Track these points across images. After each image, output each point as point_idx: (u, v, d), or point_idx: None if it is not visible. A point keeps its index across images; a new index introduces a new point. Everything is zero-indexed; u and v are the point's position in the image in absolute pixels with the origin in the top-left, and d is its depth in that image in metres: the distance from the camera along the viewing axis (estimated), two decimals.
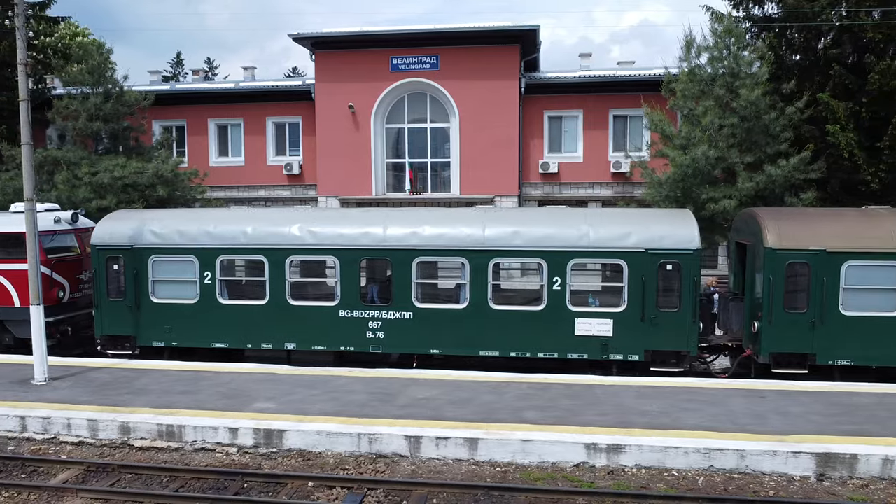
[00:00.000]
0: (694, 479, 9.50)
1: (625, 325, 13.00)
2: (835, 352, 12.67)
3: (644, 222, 13.18)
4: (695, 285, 12.82)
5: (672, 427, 10.42)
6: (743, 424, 10.49)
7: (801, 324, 12.66)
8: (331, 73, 25.08)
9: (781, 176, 17.57)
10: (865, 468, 9.44)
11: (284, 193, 26.46)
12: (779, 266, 12.64)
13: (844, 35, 18.30)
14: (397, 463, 10.16)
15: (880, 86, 17.29)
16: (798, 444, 9.65)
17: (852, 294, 12.57)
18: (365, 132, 25.11)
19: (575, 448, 9.91)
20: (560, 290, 13.06)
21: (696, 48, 19.06)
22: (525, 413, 11.04)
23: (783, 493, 9.17)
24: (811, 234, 12.66)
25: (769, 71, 18.08)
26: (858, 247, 12.49)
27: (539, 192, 25.47)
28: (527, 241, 13.17)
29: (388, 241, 13.52)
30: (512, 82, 24.53)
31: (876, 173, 17.82)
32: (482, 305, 13.28)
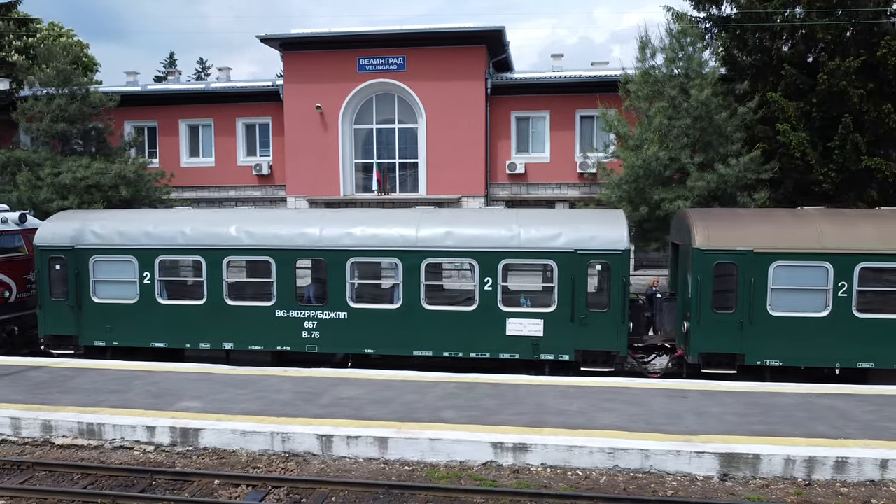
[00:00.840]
0: (596, 479, 9.55)
1: (555, 325, 13.06)
2: (763, 352, 12.69)
3: (574, 223, 13.23)
4: (623, 285, 12.86)
5: (586, 427, 10.47)
6: (657, 424, 10.53)
7: (730, 324, 12.69)
8: (299, 73, 25.21)
9: (733, 176, 17.61)
10: (768, 468, 9.47)
11: (255, 194, 26.60)
12: (706, 266, 12.68)
13: (797, 35, 18.29)
14: (308, 462, 10.25)
15: (829, 86, 17.30)
16: (702, 445, 9.69)
17: (780, 294, 12.60)
18: (333, 133, 25.22)
19: (482, 447, 9.97)
20: (491, 290, 13.13)
21: (650, 49, 19.11)
22: (443, 412, 11.10)
23: (682, 492, 9.22)
24: (739, 235, 12.69)
25: (718, 71, 18.13)
26: (786, 247, 12.52)
27: (507, 193, 25.53)
28: (458, 242, 13.24)
29: (323, 242, 13.61)
30: (478, 83, 24.61)
31: (828, 173, 17.82)
32: (415, 306, 13.36)
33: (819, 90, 17.49)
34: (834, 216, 13.06)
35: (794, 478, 9.44)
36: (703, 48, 19.27)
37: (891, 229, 12.52)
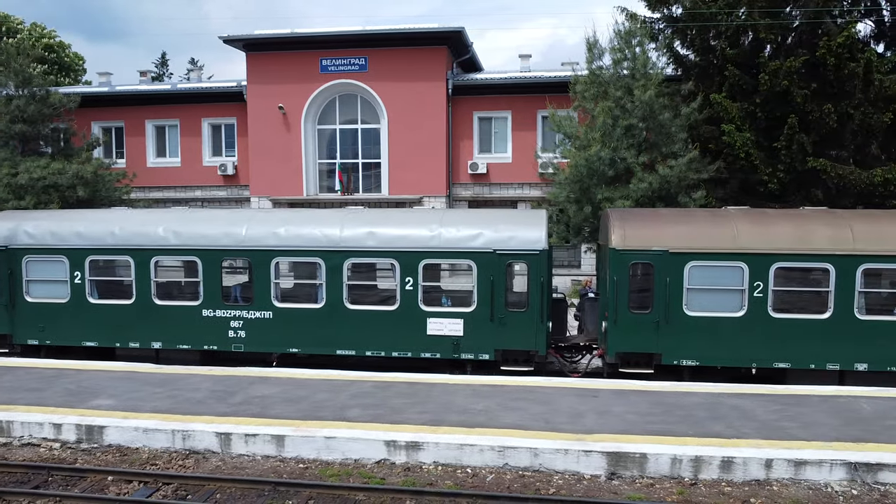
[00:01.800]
0: (484, 477, 9.61)
1: (475, 324, 13.13)
2: (680, 352, 12.72)
3: (495, 224, 13.29)
4: (541, 285, 12.92)
5: (485, 425, 10.53)
6: (555, 423, 10.59)
7: (646, 324, 12.73)
8: (262, 74, 25.35)
9: (675, 176, 17.63)
10: (655, 467, 9.51)
11: (220, 194, 26.77)
12: (623, 266, 12.72)
13: (743, 36, 18.29)
14: (207, 459, 10.35)
15: (771, 86, 17.30)
16: (591, 444, 9.75)
17: (696, 294, 12.63)
18: (296, 133, 25.35)
19: (376, 445, 10.05)
20: (412, 290, 13.21)
21: (598, 49, 19.14)
22: (348, 411, 11.19)
23: (566, 491, 9.27)
24: (655, 235, 12.73)
25: (664, 71, 18.15)
26: (701, 247, 12.54)
27: (469, 193, 25.61)
28: (380, 242, 13.32)
29: (248, 242, 13.72)
30: (439, 83, 24.69)
31: (773, 173, 17.82)
32: (338, 305, 13.46)
33: (762, 90, 17.48)
34: (753, 216, 13.07)
35: (681, 477, 9.48)
36: (656, 48, 19.31)
37: (807, 229, 12.53)
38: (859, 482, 9.20)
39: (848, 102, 17.26)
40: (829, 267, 12.28)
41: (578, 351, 14.30)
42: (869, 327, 12.32)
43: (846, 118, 17.38)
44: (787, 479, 9.33)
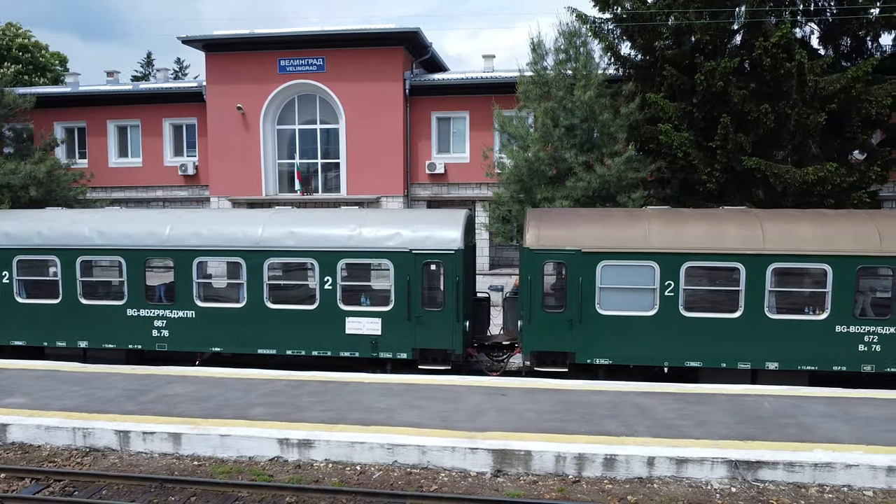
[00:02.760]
0: (371, 474, 9.71)
1: (393, 323, 13.23)
2: (593, 351, 12.81)
3: (413, 224, 13.39)
4: (457, 285, 13.01)
5: (384, 423, 10.62)
6: (452, 421, 10.68)
7: (560, 323, 12.81)
8: (221, 74, 25.45)
9: (614, 176, 17.70)
10: (540, 465, 9.60)
11: (181, 194, 26.87)
12: (537, 266, 12.81)
13: (683, 37, 18.35)
14: (106, 456, 10.45)
15: (708, 86, 17.35)
16: (478, 441, 9.84)
17: (609, 293, 12.71)
18: (255, 133, 25.45)
19: (269, 443, 10.15)
20: (331, 289, 13.31)
21: (542, 50, 19.22)
22: (253, 409, 11.28)
23: (449, 488, 9.35)
24: (568, 235, 12.81)
25: (605, 71, 18.21)
26: (613, 246, 12.63)
27: (428, 193, 25.68)
28: (300, 242, 13.42)
29: (171, 242, 13.82)
30: (396, 84, 24.77)
31: (711, 173, 17.87)
32: (259, 304, 13.56)
33: (698, 91, 17.54)
34: (667, 216, 13.15)
35: (566, 475, 9.57)
36: (601, 48, 19.37)
37: (719, 229, 12.61)
38: (740, 480, 9.28)
39: (785, 102, 17.31)
40: (740, 266, 12.36)
41: (502, 350, 14.38)
42: (779, 326, 12.40)
43: (784, 118, 17.44)
44: (669, 477, 9.41)
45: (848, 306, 12.24)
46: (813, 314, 12.44)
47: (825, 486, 9.20)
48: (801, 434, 10.12)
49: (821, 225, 12.54)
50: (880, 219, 12.57)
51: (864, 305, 12.50)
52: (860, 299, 12.47)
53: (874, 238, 12.19)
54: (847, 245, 12.20)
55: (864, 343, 12.28)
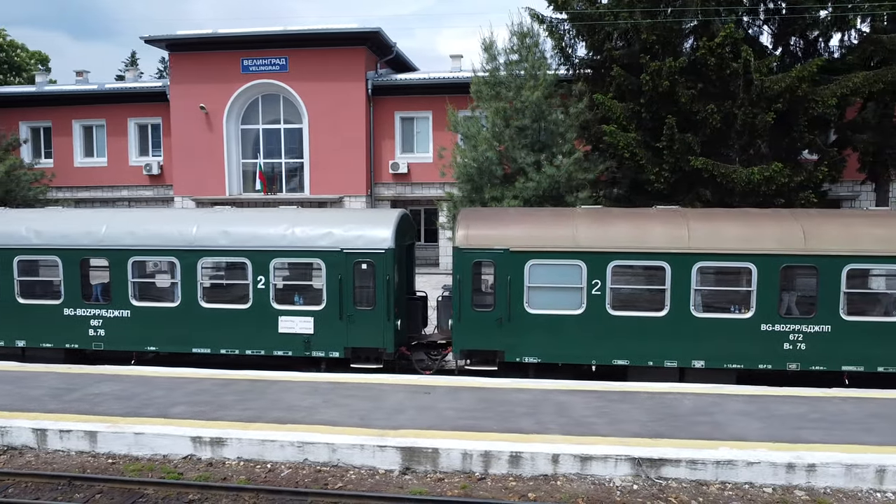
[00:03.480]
0: (280, 472, 9.76)
1: (325, 322, 13.28)
2: (522, 349, 12.87)
3: (345, 223, 13.43)
4: (387, 283, 13.06)
5: (302, 421, 10.67)
6: (370, 419, 10.73)
7: (489, 322, 12.87)
8: (185, 74, 25.49)
9: (563, 176, 17.78)
10: (447, 462, 9.66)
11: (146, 194, 26.91)
12: (466, 265, 12.87)
13: (631, 37, 18.42)
14: (23, 454, 10.48)
15: (654, 86, 17.43)
16: (386, 439, 9.90)
17: (537, 292, 12.77)
18: (218, 133, 25.50)
19: (183, 441, 10.20)
20: (264, 288, 13.36)
21: (494, 50, 19.29)
22: (174, 408, 11.32)
23: (354, 485, 9.41)
24: (497, 234, 12.88)
25: (556, 72, 18.28)
26: (540, 246, 12.69)
27: (391, 193, 25.74)
28: (233, 241, 13.46)
29: (107, 241, 13.85)
30: (358, 84, 24.84)
31: (660, 173, 17.94)
32: (193, 304, 13.60)
33: (645, 91, 17.62)
34: (596, 215, 13.21)
35: (472, 472, 9.63)
36: (553, 49, 19.45)
37: (645, 228, 12.68)
38: (643, 477, 9.35)
39: (731, 102, 17.40)
40: (665, 265, 12.44)
41: (439, 349, 14.43)
42: (705, 325, 12.48)
43: (731, 118, 17.52)
44: (574, 475, 9.48)
45: (773, 305, 12.32)
46: (738, 313, 12.52)
47: (727, 483, 9.27)
48: (711, 432, 10.20)
49: (746, 224, 12.62)
50: (805, 218, 12.65)
51: (789, 304, 12.58)
52: (786, 298, 12.55)
53: (798, 237, 12.28)
54: (771, 244, 12.28)
55: (789, 341, 12.36)
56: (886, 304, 12.45)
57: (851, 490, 9.11)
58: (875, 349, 12.23)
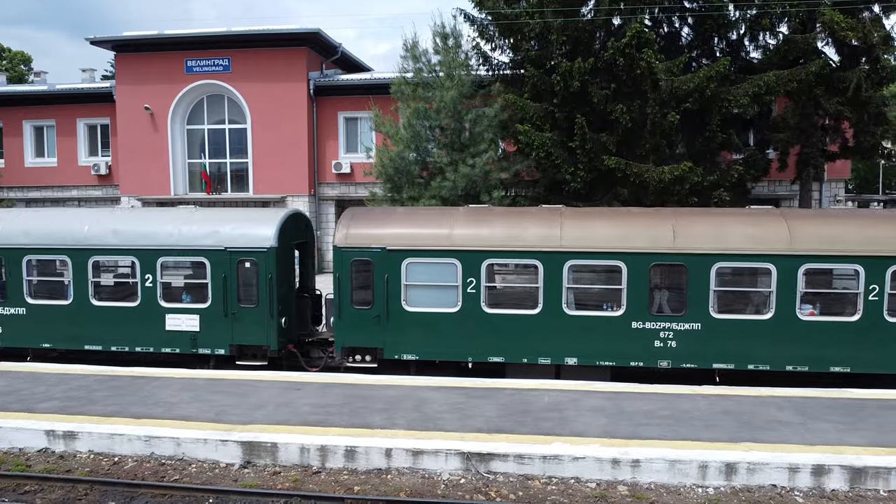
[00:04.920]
0: (125, 465, 9.99)
1: (210, 320, 13.50)
2: (400, 346, 13.05)
3: (231, 222, 13.66)
4: (270, 282, 13.28)
5: (162, 416, 10.89)
6: (226, 414, 10.91)
7: (368, 319, 13.06)
8: (131, 75, 25.79)
9: (479, 175, 17.95)
10: (286, 456, 9.86)
11: (96, 193, 27.24)
12: (345, 263, 13.06)
13: (545, 38, 18.55)
14: None
15: (565, 86, 17.57)
16: (231, 434, 10.10)
17: (414, 290, 12.96)
18: (163, 133, 25.78)
19: (38, 435, 10.44)
20: (152, 286, 13.60)
21: (415, 51, 19.48)
22: (43, 403, 11.53)
23: (189, 479, 9.60)
24: (375, 233, 13.06)
25: (473, 72, 18.45)
26: (417, 244, 12.87)
27: (336, 192, 25.97)
28: (122, 240, 13.70)
29: (2, 240, 14.11)
30: (300, 84, 25.06)
31: (576, 173, 18.08)
32: (85, 301, 13.85)
33: (556, 91, 17.75)
34: (473, 215, 13.37)
35: (310, 465, 9.83)
36: (473, 49, 19.60)
37: (520, 227, 12.84)
38: (473, 471, 9.52)
39: (641, 102, 17.52)
40: (538, 263, 12.59)
41: (328, 346, 14.63)
42: (577, 322, 12.63)
43: (642, 118, 17.64)
44: (406, 468, 9.66)
45: (643, 303, 12.45)
46: (610, 311, 12.66)
47: (553, 477, 9.43)
48: (552, 427, 10.34)
49: (619, 224, 12.77)
50: (678, 217, 12.78)
51: (661, 302, 12.71)
52: (657, 296, 12.69)
53: (668, 236, 12.41)
54: (642, 243, 12.42)
55: (659, 339, 12.50)
56: (757, 302, 12.56)
57: (675, 485, 9.25)
58: (745, 347, 12.35)
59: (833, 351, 12.24)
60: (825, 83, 18.60)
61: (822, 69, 17.99)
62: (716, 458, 9.25)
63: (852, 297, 12.25)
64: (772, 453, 9.33)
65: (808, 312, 12.35)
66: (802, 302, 12.29)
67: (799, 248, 12.13)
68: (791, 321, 12.21)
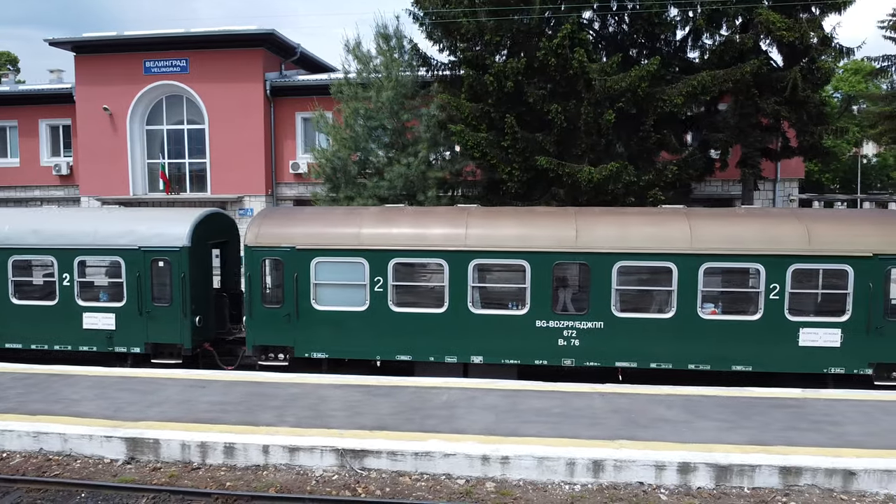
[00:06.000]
0: (12, 460, 10.16)
1: (126, 318, 13.68)
2: (310, 345, 13.19)
3: (147, 221, 13.84)
4: (183, 281, 13.43)
5: (63, 413, 11.05)
6: (123, 412, 11.08)
7: (279, 318, 13.20)
8: (90, 76, 25.98)
9: (414, 174, 18.06)
10: (168, 453, 10.01)
11: (58, 194, 27.45)
12: (255, 262, 13.20)
13: (480, 38, 18.62)
14: None
15: (499, 87, 17.64)
16: (116, 430, 10.25)
17: (323, 289, 13.09)
18: (122, 134, 25.96)
19: None
20: (69, 285, 13.77)
21: (357, 52, 19.61)
22: None
23: (71, 474, 9.76)
24: (285, 232, 13.20)
25: (416, 72, 18.58)
26: (325, 244, 13.01)
27: (294, 192, 26.10)
28: (41, 240, 13.88)
29: None
30: (257, 85, 25.20)
31: (511, 172, 18.14)
32: (5, 300, 14.03)
33: (491, 91, 17.82)
34: (382, 214, 13.49)
35: (190, 462, 9.97)
36: (411, 50, 19.67)
37: (426, 227, 12.96)
38: (347, 468, 9.64)
39: (575, 102, 17.59)
40: (444, 262, 12.70)
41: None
42: (483, 321, 12.74)
43: (576, 117, 17.69)
44: (283, 465, 9.79)
45: (547, 302, 12.55)
46: (515, 309, 12.76)
47: (425, 474, 9.54)
48: (436, 425, 10.44)
49: (524, 223, 12.87)
50: (582, 217, 12.87)
51: (565, 301, 12.81)
52: (561, 295, 12.78)
53: (571, 235, 12.51)
54: (545, 242, 12.52)
55: (563, 338, 12.59)
56: (659, 300, 12.63)
57: (543, 482, 9.35)
58: (647, 345, 12.44)
59: (735, 350, 12.32)
60: (765, 83, 18.63)
61: (759, 69, 18.01)
62: (583, 455, 9.34)
63: (753, 296, 12.32)
64: (640, 451, 9.42)
65: (709, 311, 12.43)
66: (704, 301, 12.36)
67: (699, 247, 12.21)
68: (692, 320, 12.29)
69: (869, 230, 12.20)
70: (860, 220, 12.55)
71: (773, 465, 9.09)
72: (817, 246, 12.06)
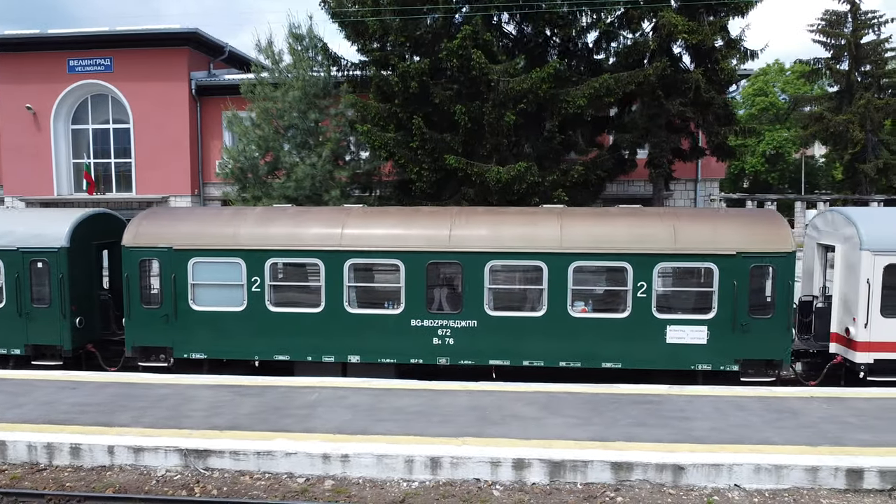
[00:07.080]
0: None
1: (5, 320, 13.56)
2: (189, 346, 13.18)
3: (28, 223, 13.78)
4: (61, 282, 13.35)
5: None
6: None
7: (157, 318, 13.17)
8: (12, 74, 25.65)
9: (320, 174, 18.10)
10: (14, 454, 9.98)
11: None
12: (133, 263, 13.16)
13: (388, 38, 18.72)
14: None
15: (405, 87, 17.74)
16: None
17: (201, 289, 13.09)
18: (46, 133, 25.68)
19: None
20: None
21: (267, 52, 19.60)
22: None
23: None
24: (162, 232, 13.17)
25: (329, 72, 18.62)
26: (202, 244, 13.00)
27: (220, 192, 25.96)
28: None
29: None
30: (182, 84, 25.07)
31: (420, 172, 18.24)
32: None
33: (396, 91, 17.91)
34: (263, 214, 13.52)
35: (38, 463, 9.96)
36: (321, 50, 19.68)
37: (303, 227, 13.01)
38: (192, 467, 9.67)
39: (479, 103, 17.73)
40: (319, 262, 12.77)
41: None
42: (359, 320, 12.83)
43: (480, 118, 17.84)
44: (128, 465, 9.80)
45: (421, 301, 12.66)
46: (390, 308, 12.86)
47: (267, 473, 9.60)
48: (290, 424, 10.49)
49: (400, 223, 12.97)
50: (456, 217, 13.00)
51: (440, 300, 12.93)
52: (436, 294, 12.90)
53: (444, 235, 12.63)
54: (419, 242, 12.63)
55: (438, 336, 12.71)
56: (530, 299, 12.80)
57: (382, 479, 9.46)
58: (520, 343, 12.60)
59: (604, 347, 12.53)
60: (672, 85, 18.94)
61: (664, 71, 18.32)
62: (421, 452, 9.46)
63: (622, 295, 12.53)
64: (478, 448, 9.56)
65: (579, 309, 12.62)
66: (574, 299, 12.56)
67: (568, 246, 12.40)
68: (563, 318, 12.48)
69: (733, 229, 12.48)
70: (725, 220, 12.82)
71: (606, 460, 9.27)
72: (682, 245, 12.31)
